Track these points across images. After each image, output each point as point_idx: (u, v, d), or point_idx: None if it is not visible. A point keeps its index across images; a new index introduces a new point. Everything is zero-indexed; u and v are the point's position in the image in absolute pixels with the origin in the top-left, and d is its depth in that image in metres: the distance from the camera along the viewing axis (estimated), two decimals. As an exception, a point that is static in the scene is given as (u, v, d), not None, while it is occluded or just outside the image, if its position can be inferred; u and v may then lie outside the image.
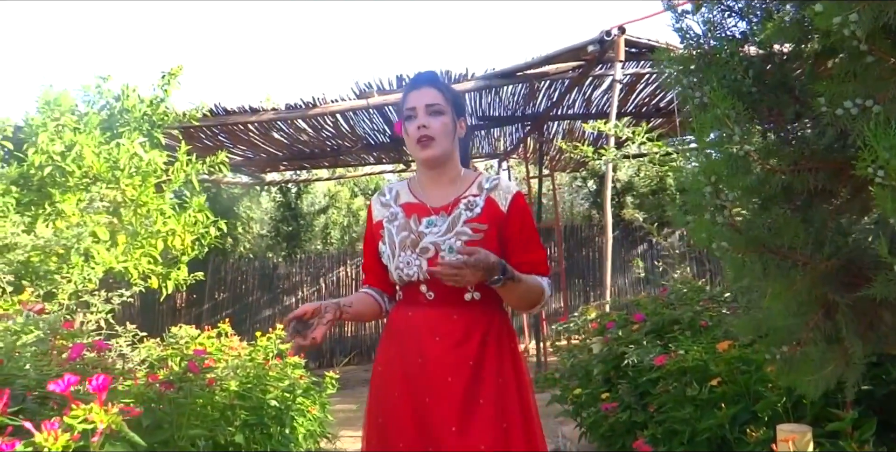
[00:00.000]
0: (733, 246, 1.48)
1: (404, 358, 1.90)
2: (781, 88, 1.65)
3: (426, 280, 1.88)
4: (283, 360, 4.25)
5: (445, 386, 1.82)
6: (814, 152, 1.53)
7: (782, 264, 1.51)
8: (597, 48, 6.03)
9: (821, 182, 1.53)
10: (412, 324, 1.92)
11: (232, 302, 11.51)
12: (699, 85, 1.64)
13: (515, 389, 1.87)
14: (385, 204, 2.04)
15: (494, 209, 1.92)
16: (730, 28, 1.74)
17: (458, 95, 2.07)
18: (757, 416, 2.54)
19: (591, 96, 8.18)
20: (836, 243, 1.53)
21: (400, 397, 1.88)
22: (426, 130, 1.91)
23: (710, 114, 1.51)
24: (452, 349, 1.85)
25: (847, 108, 1.35)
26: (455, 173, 2.01)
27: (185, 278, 5.48)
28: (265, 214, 13.60)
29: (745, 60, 1.67)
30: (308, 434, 4.05)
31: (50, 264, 4.30)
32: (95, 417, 1.12)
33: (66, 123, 4.82)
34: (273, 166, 10.14)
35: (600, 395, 3.79)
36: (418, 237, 1.90)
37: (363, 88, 6.85)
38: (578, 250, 11.80)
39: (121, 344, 3.87)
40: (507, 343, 1.92)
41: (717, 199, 1.52)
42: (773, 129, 1.61)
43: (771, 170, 1.52)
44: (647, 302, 4.19)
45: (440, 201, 1.96)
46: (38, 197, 4.84)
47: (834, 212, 1.60)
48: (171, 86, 5.33)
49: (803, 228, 1.51)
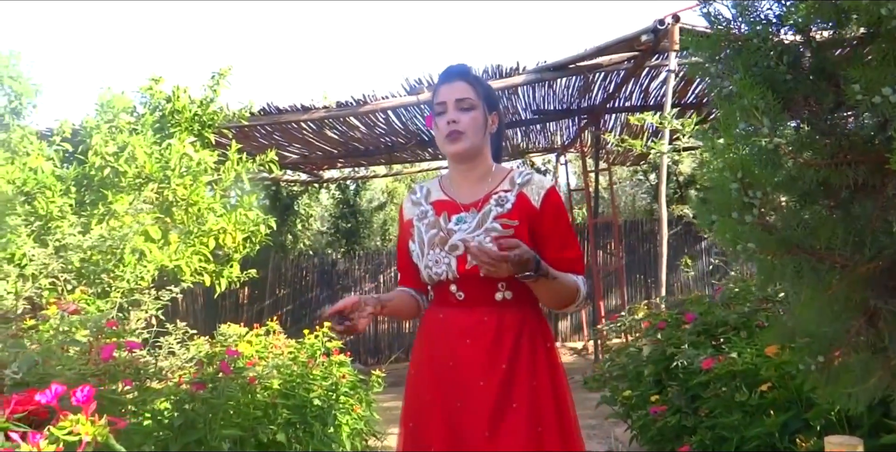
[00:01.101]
0: (762, 247, 1.37)
1: (435, 361, 1.87)
2: (820, 75, 1.52)
3: (455, 279, 1.83)
4: (328, 358, 4.26)
5: (477, 390, 1.77)
6: (853, 144, 1.40)
7: (818, 266, 1.39)
8: (650, 38, 5.84)
9: (861, 176, 1.40)
10: (443, 326, 1.88)
11: (292, 298, 11.70)
12: (728, 74, 1.52)
13: (551, 391, 1.81)
14: (415, 202, 2.00)
15: (526, 205, 1.85)
16: (763, 12, 1.61)
17: (491, 89, 2.01)
18: (809, 424, 2.38)
19: (648, 87, 7.97)
20: (880, 243, 1.39)
21: (431, 401, 1.84)
22: (456, 125, 1.85)
23: (737, 104, 1.40)
24: (484, 352, 1.80)
25: (886, 95, 1.22)
26: (486, 168, 1.95)
27: (237, 275, 5.56)
28: (324, 211, 13.76)
29: (780, 45, 1.54)
30: (353, 433, 4.04)
31: (107, 264, 4.41)
32: (81, 429, 1.10)
33: (119, 125, 4.93)
34: (330, 164, 10.23)
35: (650, 397, 3.66)
36: (447, 235, 1.86)
37: (413, 84, 6.82)
38: (640, 245, 11.53)
39: (171, 342, 3.94)
40: (542, 344, 1.85)
41: (744, 196, 1.41)
42: (808, 119, 1.48)
43: (805, 164, 1.40)
44: (699, 301, 4.03)
45: (471, 198, 1.91)
46: (95, 197, 4.98)
47: (879, 209, 1.47)
48: (220, 86, 5.40)
49: (842, 227, 1.39)
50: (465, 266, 1.80)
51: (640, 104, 8.48)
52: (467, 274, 1.81)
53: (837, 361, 1.41)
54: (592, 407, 4.48)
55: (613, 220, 9.22)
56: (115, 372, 2.28)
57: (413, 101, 6.85)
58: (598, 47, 6.26)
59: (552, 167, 14.70)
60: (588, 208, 10.13)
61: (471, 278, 1.81)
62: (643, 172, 13.14)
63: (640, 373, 4.01)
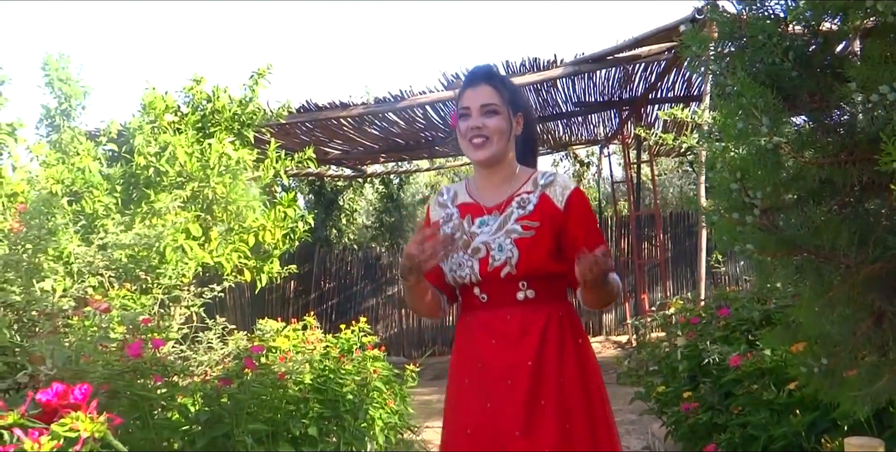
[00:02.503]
0: (761, 248, 1.35)
1: (465, 364, 1.89)
2: (827, 71, 1.48)
3: (478, 282, 1.86)
4: (363, 353, 4.32)
5: (506, 389, 1.78)
6: (858, 142, 1.37)
7: (821, 267, 1.36)
8: (689, 27, 5.72)
9: (867, 175, 1.36)
10: (469, 329, 1.91)
11: (337, 292, 11.85)
12: (730, 70, 1.50)
13: (580, 387, 1.81)
14: (442, 204, 2.03)
15: (549, 206, 1.86)
16: (770, 6, 1.58)
17: (517, 90, 2.01)
18: (836, 424, 2.33)
19: (691, 78, 7.81)
20: (887, 243, 1.36)
21: (463, 403, 1.86)
22: (479, 130, 1.87)
23: (736, 103, 1.38)
24: (509, 351, 1.81)
25: (883, 93, 1.19)
26: (510, 171, 1.96)
27: (277, 270, 5.67)
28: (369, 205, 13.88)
29: (787, 40, 1.51)
30: (387, 427, 4.09)
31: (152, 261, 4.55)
32: (80, 425, 1.15)
33: (161, 125, 5.06)
34: (372, 159, 10.32)
35: (683, 393, 3.61)
36: (470, 238, 1.88)
37: (450, 78, 6.83)
38: (686, 237, 11.34)
39: (210, 337, 4.04)
40: (571, 339, 1.85)
41: (745, 197, 1.39)
42: (814, 116, 1.45)
43: (807, 163, 1.37)
44: (734, 296, 3.96)
45: (494, 201, 1.93)
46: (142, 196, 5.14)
47: (886, 208, 1.43)
48: (259, 85, 5.49)
49: (847, 226, 1.36)
50: (486, 269, 1.82)
51: (683, 95, 8.33)
52: (489, 276, 1.83)
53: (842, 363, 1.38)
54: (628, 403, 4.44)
55: (656, 211, 9.09)
56: (145, 369, 2.36)
57: (450, 96, 6.85)
58: (636, 38, 6.17)
59: (595, 159, 14.55)
60: (630, 199, 10.01)
61: (493, 279, 1.83)
62: (689, 163, 12.89)
63: (674, 369, 3.96)
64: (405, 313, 11.72)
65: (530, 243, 1.81)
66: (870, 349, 1.39)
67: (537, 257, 1.81)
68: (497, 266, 1.81)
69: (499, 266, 1.81)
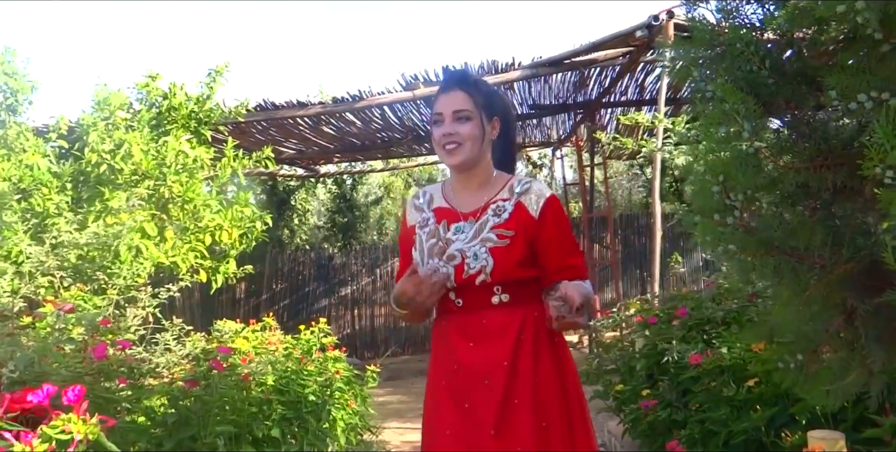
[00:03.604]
0: (743, 249, 1.40)
1: (443, 367, 1.92)
2: (801, 79, 1.55)
3: (454, 288, 1.88)
4: (324, 354, 4.30)
5: (482, 390, 1.81)
6: (833, 148, 1.43)
7: (797, 266, 1.42)
8: (645, 33, 5.86)
9: (841, 179, 1.43)
10: (446, 332, 1.93)
11: (289, 293, 11.73)
12: (710, 77, 1.55)
13: (557, 385, 1.85)
14: (419, 208, 2.04)
15: (524, 215, 1.89)
16: (747, 16, 1.64)
17: (492, 94, 2.02)
18: (794, 419, 2.42)
19: (643, 82, 7.99)
20: (857, 244, 1.42)
21: (441, 405, 1.90)
22: (451, 137, 1.88)
23: (718, 109, 1.43)
24: (486, 352, 1.84)
25: (861, 101, 1.25)
26: (486, 176, 1.98)
27: (233, 271, 5.58)
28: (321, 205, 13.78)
29: (762, 49, 1.57)
30: (348, 428, 4.08)
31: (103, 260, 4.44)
32: (73, 427, 1.13)
33: (116, 122, 4.94)
34: (326, 159, 10.25)
35: (641, 391, 3.69)
36: (445, 244, 1.90)
37: (409, 79, 6.83)
38: (636, 239, 11.58)
39: (167, 339, 3.96)
40: (546, 338, 1.88)
41: (726, 199, 1.44)
42: (789, 123, 1.51)
43: (784, 167, 1.42)
44: (690, 297, 4.06)
45: (470, 207, 1.95)
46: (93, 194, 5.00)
47: (857, 211, 1.50)
48: (217, 83, 5.41)
49: (821, 228, 1.42)
50: (462, 276, 1.85)
51: (636, 99, 8.50)
52: (464, 283, 1.85)
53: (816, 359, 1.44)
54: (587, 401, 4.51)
55: (608, 214, 9.25)
56: (110, 370, 2.31)
57: (409, 96, 6.85)
58: (593, 43, 6.27)
59: (548, 162, 14.73)
60: (583, 202, 10.17)
61: (468, 286, 1.86)
62: (639, 166, 13.17)
63: (631, 368, 4.05)
64: (358, 314, 11.67)
65: (505, 252, 1.84)
66: (840, 346, 1.46)
67: (512, 266, 1.84)
68: (472, 274, 1.84)
69: (474, 274, 1.83)
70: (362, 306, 11.72)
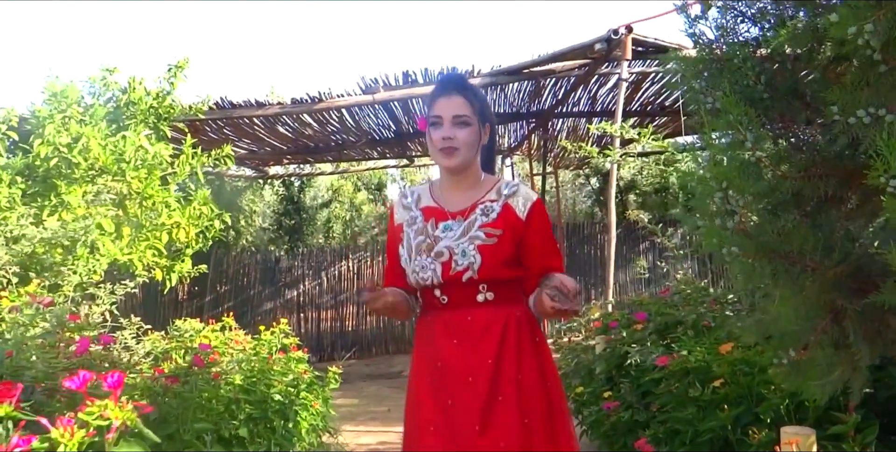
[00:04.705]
0: (743, 251, 1.49)
1: (426, 363, 1.95)
2: (793, 95, 1.66)
3: (440, 284, 1.91)
4: (286, 354, 4.28)
5: (467, 387, 1.84)
6: (825, 159, 1.54)
7: (791, 269, 1.52)
8: (604, 47, 6.03)
9: (831, 189, 1.53)
10: (430, 329, 1.96)
11: (233, 295, 11.53)
12: (710, 89, 1.65)
13: (539, 384, 1.89)
14: (406, 207, 2.07)
15: (511, 215, 1.94)
16: (742, 34, 1.75)
17: (486, 102, 2.07)
18: (759, 418, 2.54)
19: (596, 94, 8.19)
20: (845, 249, 1.54)
21: (424, 401, 1.92)
22: (450, 141, 1.92)
23: (723, 120, 1.52)
24: (471, 350, 1.88)
25: (860, 116, 1.36)
26: (475, 178, 2.03)
27: (188, 270, 5.50)
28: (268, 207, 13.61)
29: (758, 65, 1.67)
30: (311, 429, 4.07)
31: (55, 256, 4.32)
32: (111, 413, 1.13)
33: (72, 115, 4.82)
34: (277, 160, 10.15)
35: (602, 394, 3.80)
36: (434, 242, 1.93)
37: (369, 83, 6.85)
38: (581, 247, 11.79)
39: (125, 337, 3.89)
40: (529, 338, 1.93)
41: (727, 204, 1.53)
42: (784, 135, 1.62)
43: (782, 176, 1.53)
44: (650, 302, 4.20)
45: (458, 206, 1.99)
46: (42, 188, 4.85)
47: (843, 218, 1.61)
48: (178, 79, 5.32)
49: (812, 234, 1.52)
50: (449, 272, 1.88)
51: (587, 110, 8.71)
52: (451, 279, 1.89)
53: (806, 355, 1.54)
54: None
55: (558, 222, 9.43)
56: (91, 365, 2.27)
57: (369, 100, 6.88)
58: (553, 54, 6.42)
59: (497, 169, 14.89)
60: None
61: (454, 283, 1.89)
62: (585, 175, 13.45)
63: (591, 371, 4.15)
64: (304, 317, 11.56)
65: (492, 250, 1.88)
66: (827, 344, 1.56)
67: (499, 263, 1.89)
68: (459, 270, 1.87)
69: (461, 271, 1.87)
70: (308, 309, 11.61)
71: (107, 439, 1.12)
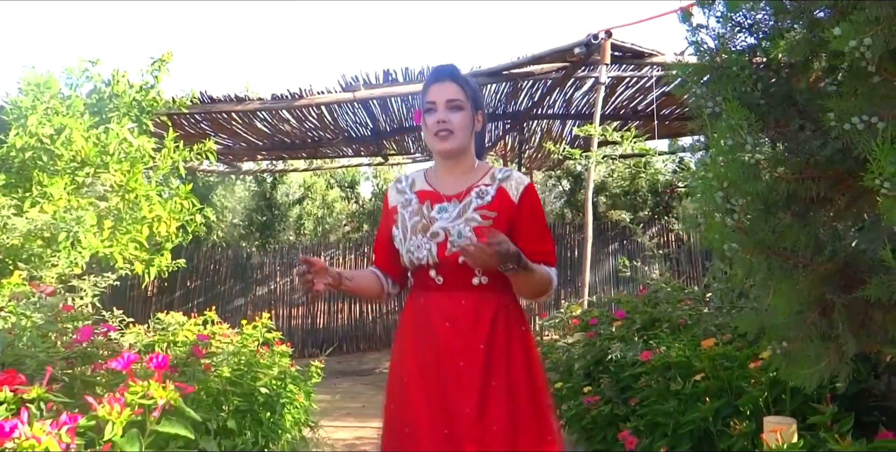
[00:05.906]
0: (742, 248, 1.59)
1: (417, 344, 1.98)
2: (787, 102, 1.76)
3: (435, 264, 1.96)
4: (269, 349, 4.30)
5: (459, 371, 1.88)
6: (817, 162, 1.64)
7: (785, 265, 1.62)
8: (583, 51, 6.14)
9: (822, 190, 1.64)
10: (423, 310, 2.00)
11: (204, 291, 11.44)
12: (711, 95, 1.74)
13: (525, 371, 1.94)
14: (400, 191, 2.12)
15: (505, 199, 2.00)
16: (739, 43, 1.85)
17: (478, 90, 2.13)
18: (739, 410, 2.66)
19: (571, 97, 8.32)
20: (834, 247, 1.64)
21: (412, 383, 1.94)
22: (445, 124, 1.98)
23: (725, 124, 1.62)
24: (463, 334, 1.92)
25: (854, 123, 1.46)
26: (469, 163, 2.09)
27: (167, 264, 5.48)
28: (239, 203, 13.53)
29: (755, 73, 1.77)
30: (294, 422, 4.11)
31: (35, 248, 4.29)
32: (155, 393, 1.18)
33: (54, 107, 4.78)
34: (251, 156, 10.11)
35: (582, 389, 3.90)
36: (430, 222, 1.98)
37: (350, 81, 6.89)
38: (551, 247, 11.90)
39: (108, 329, 3.88)
40: (517, 327, 1.99)
41: (727, 203, 1.62)
42: (780, 139, 1.72)
43: (778, 178, 1.63)
44: (627, 300, 4.32)
45: (453, 190, 2.04)
46: (17, 180, 4.81)
47: (832, 218, 1.72)
48: (162, 72, 5.31)
49: (804, 232, 1.62)
50: (444, 252, 1.93)
51: (562, 113, 8.84)
52: (446, 260, 1.93)
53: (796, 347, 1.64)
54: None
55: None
56: (93, 354, 2.29)
57: (349, 98, 6.91)
58: (534, 56, 6.51)
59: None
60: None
61: (450, 263, 1.94)
62: (556, 177, 13.61)
63: (570, 367, 4.26)
64: (274, 314, 11.49)
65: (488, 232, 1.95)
66: (815, 335, 1.67)
67: None
68: (455, 251, 1.90)
69: (457, 252, 1.89)
70: (279, 306, 11.57)
71: (151, 417, 1.17)
